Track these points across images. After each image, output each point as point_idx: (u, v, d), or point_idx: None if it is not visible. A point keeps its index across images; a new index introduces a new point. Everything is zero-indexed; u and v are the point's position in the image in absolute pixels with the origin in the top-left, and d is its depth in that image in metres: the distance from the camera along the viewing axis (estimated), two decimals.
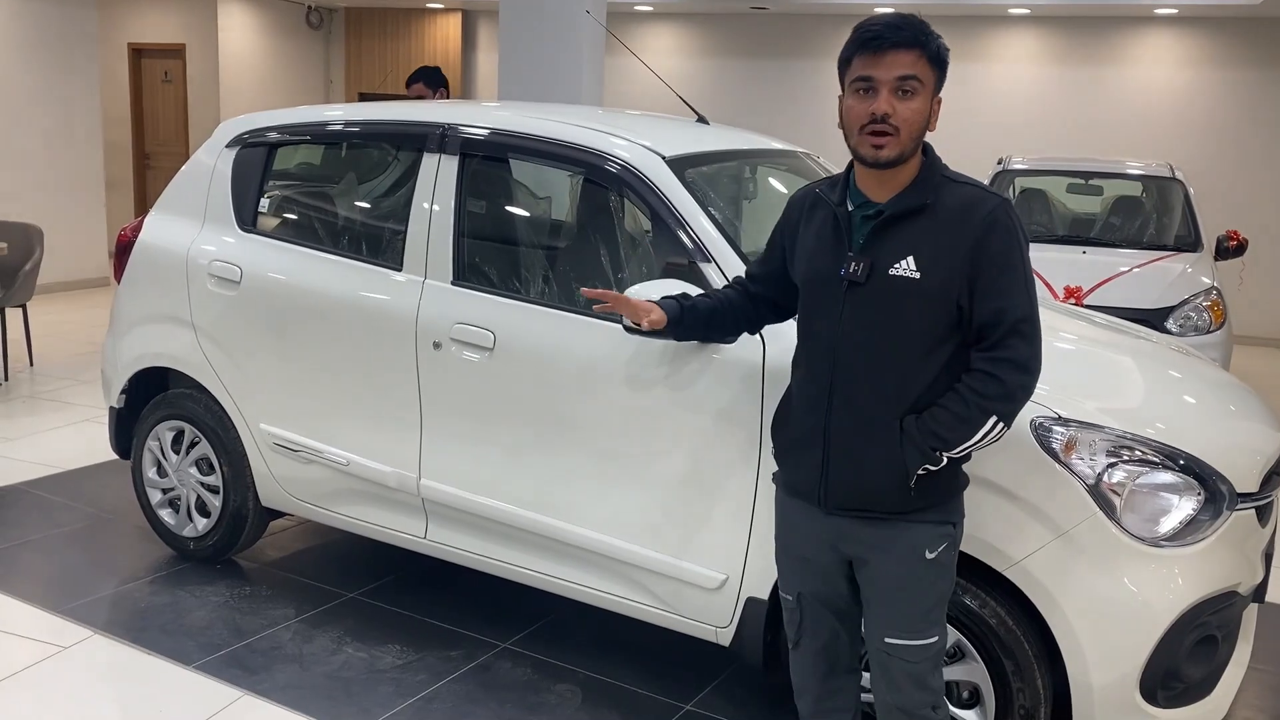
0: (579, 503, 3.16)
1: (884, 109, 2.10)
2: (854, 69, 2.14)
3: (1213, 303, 6.08)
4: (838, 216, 2.22)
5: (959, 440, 2.14)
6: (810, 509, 2.28)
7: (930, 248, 2.12)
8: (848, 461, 2.20)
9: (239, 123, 4.01)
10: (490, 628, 3.68)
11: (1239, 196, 9.68)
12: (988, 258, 2.11)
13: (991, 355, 2.13)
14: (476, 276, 3.39)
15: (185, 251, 3.90)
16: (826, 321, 2.20)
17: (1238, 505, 2.63)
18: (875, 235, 2.17)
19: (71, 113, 9.69)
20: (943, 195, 2.16)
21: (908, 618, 2.24)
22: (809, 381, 2.26)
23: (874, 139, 2.11)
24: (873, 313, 2.15)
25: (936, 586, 2.26)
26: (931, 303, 2.12)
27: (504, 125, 3.44)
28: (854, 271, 2.16)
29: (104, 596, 3.82)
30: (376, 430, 3.52)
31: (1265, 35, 9.65)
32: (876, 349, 2.16)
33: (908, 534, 2.21)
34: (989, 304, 2.11)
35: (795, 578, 2.38)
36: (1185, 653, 2.58)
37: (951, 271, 2.11)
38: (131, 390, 4.16)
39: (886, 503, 2.19)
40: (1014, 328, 2.12)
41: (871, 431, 2.17)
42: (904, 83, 2.11)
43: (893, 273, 2.13)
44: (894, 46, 2.10)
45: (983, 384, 2.12)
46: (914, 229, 2.15)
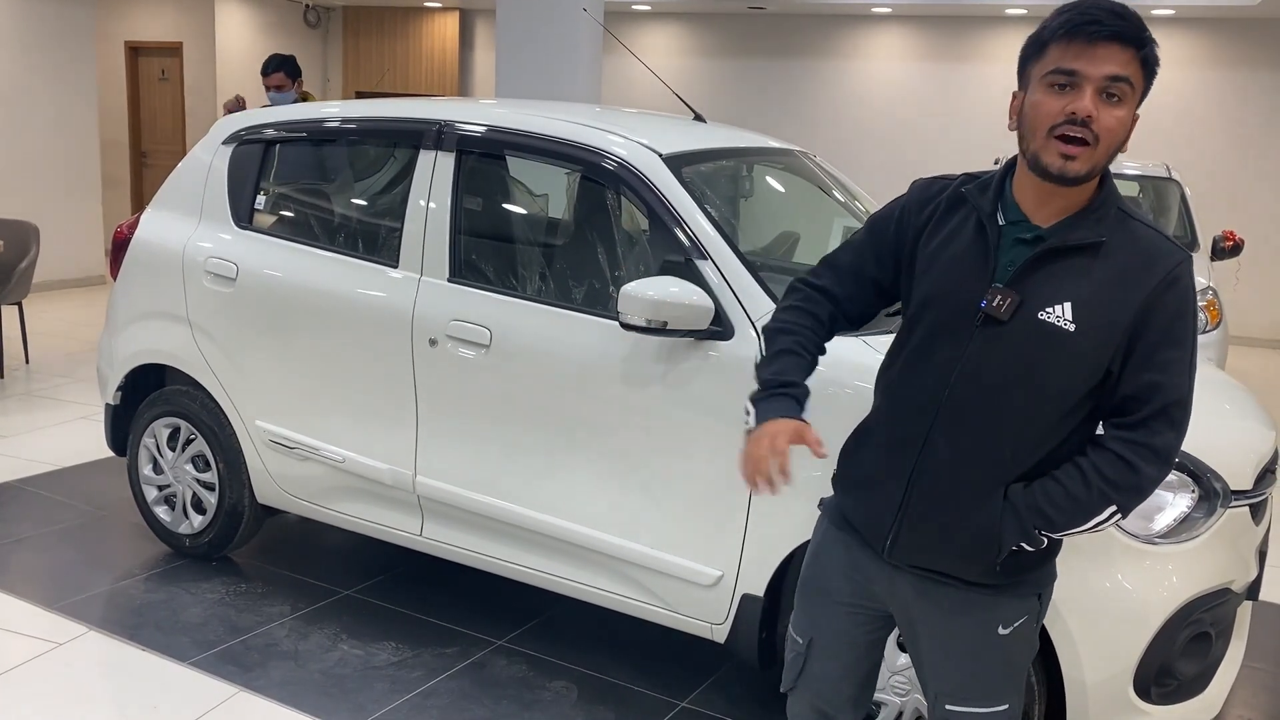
0: (574, 499, 3.16)
1: (1089, 108, 1.69)
2: (1050, 58, 1.73)
3: (1208, 303, 6.09)
4: (987, 229, 1.81)
5: (1068, 525, 1.81)
6: (861, 551, 1.99)
7: (1093, 296, 1.75)
8: (930, 520, 1.86)
9: (236, 119, 4.01)
10: (485, 625, 3.68)
11: (1235, 197, 9.70)
12: (1157, 324, 1.75)
13: (1131, 437, 1.77)
14: (473, 273, 3.39)
15: (181, 248, 3.90)
16: (946, 353, 1.82)
17: (1232, 503, 2.64)
18: (1030, 266, 1.77)
19: (68, 110, 9.68)
20: (1118, 235, 1.77)
21: (972, 686, 1.94)
22: (903, 415, 1.89)
23: (1065, 145, 1.71)
24: (1008, 359, 1.78)
25: (1009, 660, 1.94)
26: (1080, 362, 1.76)
27: (501, 122, 3.44)
28: (996, 306, 1.77)
29: (99, 593, 3.82)
30: (372, 427, 3.53)
31: (1261, 36, 9.67)
32: (1001, 401, 1.79)
33: (981, 606, 1.90)
34: (1144, 376, 1.76)
35: (815, 619, 2.08)
36: (1179, 650, 2.58)
37: (1112, 330, 1.75)
38: (128, 387, 4.16)
39: (964, 570, 1.88)
40: (1165, 410, 1.76)
41: (968, 494, 1.83)
42: (1114, 84, 1.70)
43: (1043, 317, 1.75)
44: (1110, 38, 1.70)
45: (1113, 468, 1.77)
46: (1078, 269, 1.76)
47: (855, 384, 2.65)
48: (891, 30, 10.82)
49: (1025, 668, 1.99)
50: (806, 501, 2.76)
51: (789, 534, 2.82)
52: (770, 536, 2.86)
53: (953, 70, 10.58)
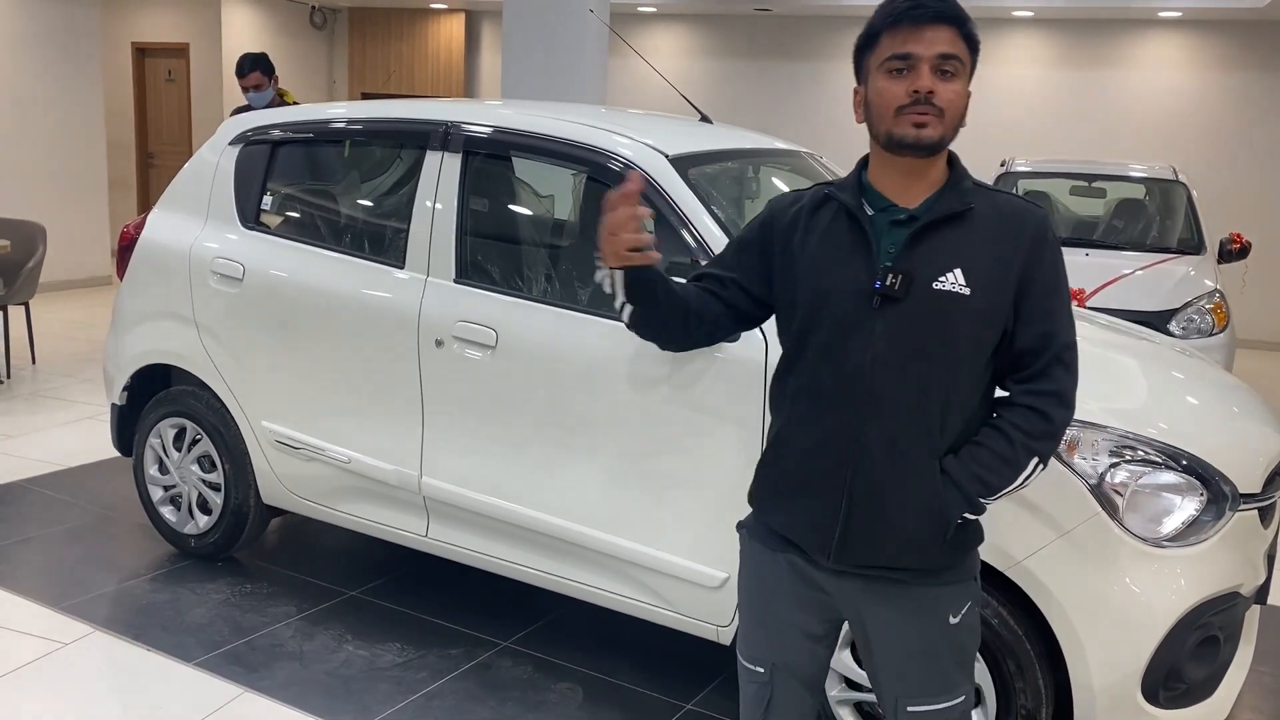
0: (580, 500, 3.15)
1: (928, 84, 1.79)
2: (884, 47, 1.84)
3: (1216, 305, 6.07)
4: (858, 220, 1.89)
5: (1002, 484, 1.87)
6: (805, 566, 1.97)
7: (978, 260, 1.84)
8: (875, 510, 1.86)
9: (242, 120, 4.01)
10: (491, 626, 3.67)
11: (1242, 200, 9.68)
12: (1039, 277, 1.86)
13: (1034, 388, 1.87)
14: (479, 274, 3.39)
15: (188, 249, 3.90)
16: (851, 344, 1.85)
17: (1240, 506, 2.62)
18: (911, 244, 1.85)
19: (74, 111, 9.71)
20: (982, 202, 1.88)
21: (930, 682, 1.96)
22: (824, 413, 1.89)
23: (915, 116, 1.80)
24: (913, 333, 1.83)
25: (961, 649, 1.99)
26: (982, 322, 1.84)
27: (507, 123, 3.44)
28: (890, 284, 1.83)
29: (105, 593, 3.82)
30: (378, 428, 3.52)
31: (1269, 38, 9.65)
32: (919, 375, 1.83)
33: (929, 598, 1.93)
34: (1035, 328, 1.86)
35: (771, 646, 2.04)
36: (1187, 654, 2.57)
37: (1003, 287, 1.84)
38: (134, 387, 4.16)
39: (914, 559, 1.89)
40: (1059, 356, 1.87)
41: (908, 474, 1.85)
42: (946, 61, 1.81)
43: (937, 286, 1.82)
44: (934, 19, 1.81)
45: (1027, 420, 1.86)
46: (957, 238, 1.85)
47: None
48: None
49: (974, 655, 2.04)
50: None
51: None
52: None
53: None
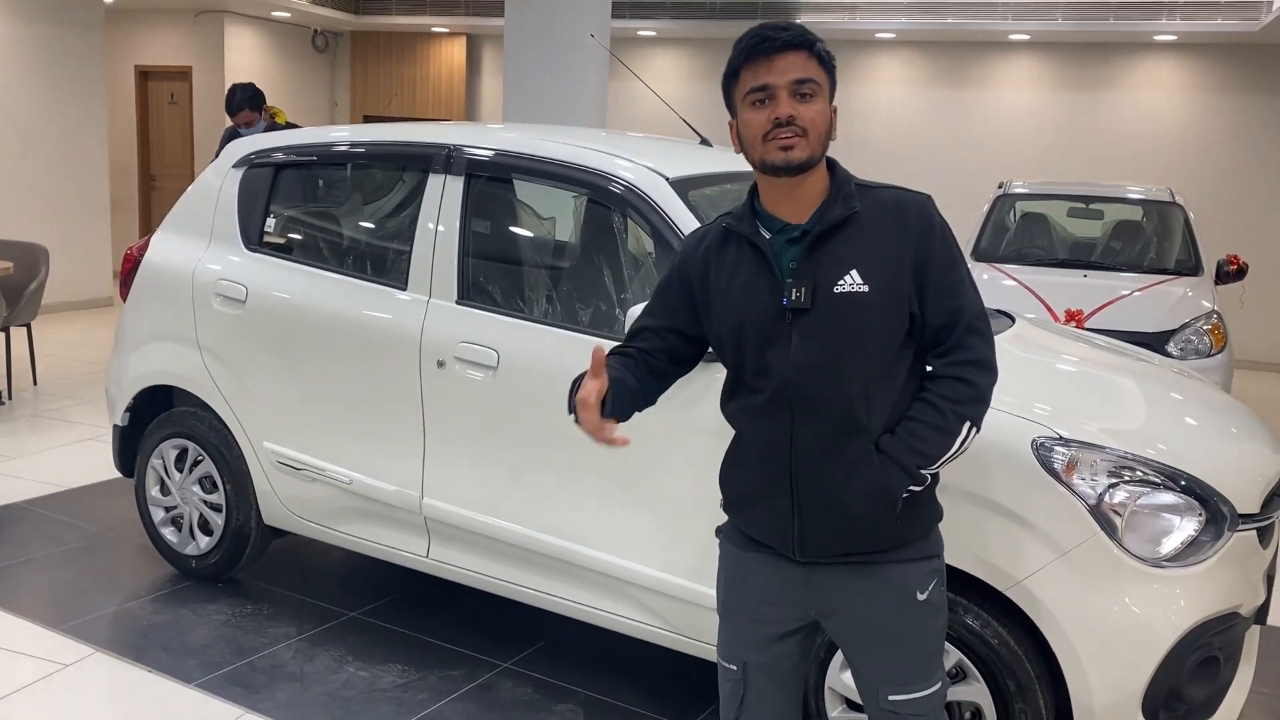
0: (583, 522, 3.16)
1: (787, 111, 1.93)
2: (744, 80, 1.98)
3: (1213, 326, 6.09)
4: (758, 246, 2.01)
5: (940, 452, 2.00)
6: (775, 562, 2.08)
7: (871, 258, 1.97)
8: (823, 500, 2.00)
9: (246, 143, 4.04)
10: (492, 647, 3.67)
11: (1239, 221, 9.72)
12: (934, 258, 1.99)
13: (955, 359, 2.01)
14: (481, 296, 3.41)
15: (191, 270, 3.93)
16: (774, 357, 1.99)
17: (1239, 526, 2.63)
18: (808, 256, 1.98)
19: (77, 134, 9.76)
20: (865, 202, 2.00)
21: (908, 669, 2.08)
22: (763, 423, 2.04)
23: (780, 140, 1.93)
24: (826, 336, 1.96)
25: (933, 628, 2.11)
26: (885, 313, 1.97)
27: (509, 146, 3.47)
28: (796, 298, 1.96)
29: (105, 614, 3.82)
30: (379, 449, 3.54)
31: (1264, 61, 9.71)
32: (837, 373, 1.97)
33: (895, 577, 2.05)
34: (943, 304, 2.00)
35: (744, 643, 2.14)
36: (1188, 674, 2.57)
37: (899, 278, 1.97)
38: (136, 409, 4.18)
39: (871, 539, 2.01)
40: (970, 326, 2.01)
41: (846, 462, 1.98)
42: (801, 85, 1.94)
43: (838, 290, 1.96)
44: (785, 48, 1.94)
45: (953, 389, 2.00)
46: (848, 242, 1.98)
47: None
48: (895, 55, 10.89)
49: (943, 640, 2.16)
50: None
51: None
52: None
53: (955, 95, 10.63)
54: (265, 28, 11.98)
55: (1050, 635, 2.56)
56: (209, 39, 11.53)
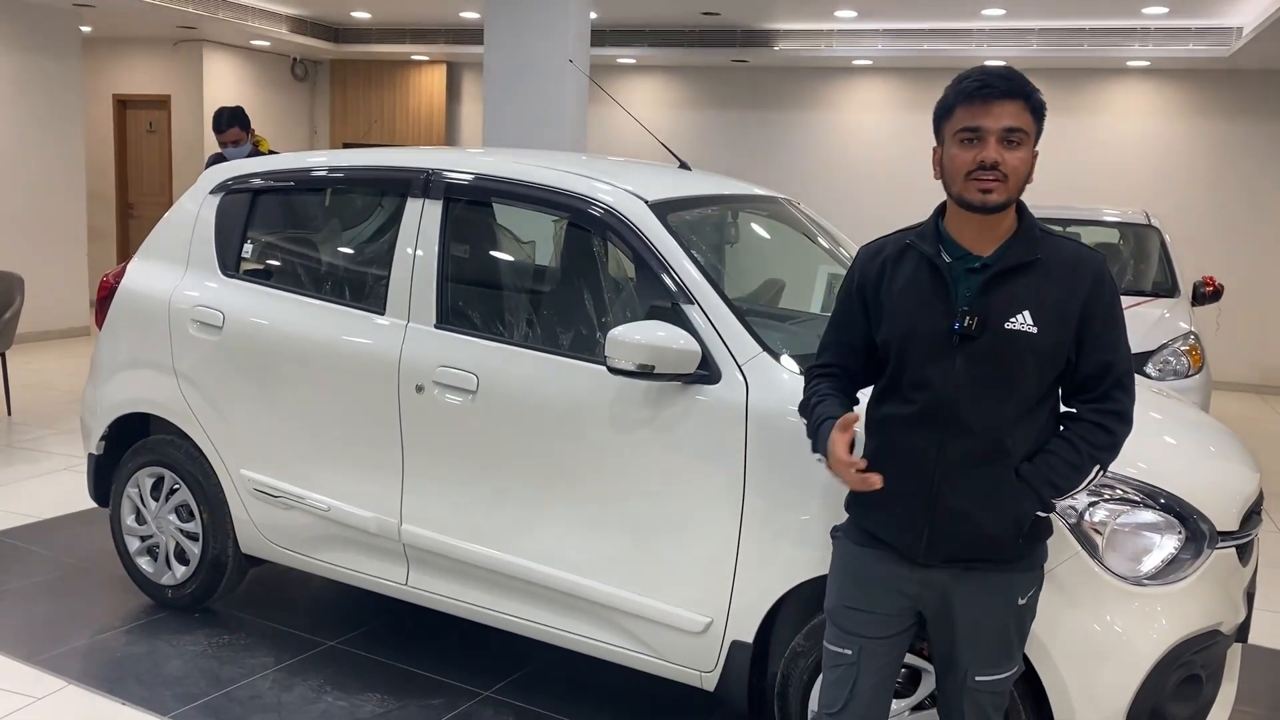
0: (562, 546, 3.14)
1: (994, 157, 2.10)
2: (957, 119, 2.15)
3: (1191, 347, 6.13)
4: (937, 268, 2.18)
5: (1070, 487, 2.19)
6: (894, 559, 2.26)
7: (1045, 303, 2.13)
8: (959, 513, 2.17)
9: (223, 169, 4.03)
10: (472, 675, 3.63)
11: (1214, 243, 9.82)
12: (1097, 313, 2.16)
13: (1100, 407, 2.19)
14: (460, 320, 3.40)
15: (168, 297, 3.90)
16: (937, 375, 2.16)
17: (1219, 544, 2.64)
18: (985, 289, 2.14)
19: (54, 162, 9.72)
20: (1047, 250, 2.17)
21: (996, 657, 2.28)
22: (913, 433, 2.19)
23: (981, 183, 2.11)
24: (988, 366, 2.13)
25: (1023, 627, 2.32)
26: (1047, 356, 2.15)
27: (488, 170, 3.47)
28: (968, 325, 2.13)
29: (79, 646, 3.76)
30: (358, 475, 3.51)
31: (1235, 87, 9.86)
32: (992, 402, 2.14)
33: (1005, 583, 2.24)
34: (1097, 357, 2.17)
35: (857, 632, 2.31)
36: (1170, 692, 2.57)
37: (1065, 326, 2.14)
38: (111, 437, 4.13)
39: (992, 552, 2.20)
40: (1119, 381, 2.19)
41: (987, 482, 2.16)
42: (1011, 134, 2.11)
43: (1009, 327, 2.12)
44: (1001, 97, 2.11)
45: (1093, 434, 2.19)
46: (1025, 283, 2.14)
47: None
48: (872, 82, 10.99)
49: (1028, 633, 2.35)
50: (796, 547, 2.77)
51: (779, 579, 2.81)
52: (760, 582, 2.84)
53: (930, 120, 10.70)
54: (244, 56, 11.99)
55: (1033, 655, 2.54)
56: (188, 68, 11.52)
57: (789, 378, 2.83)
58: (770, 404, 2.81)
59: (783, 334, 3.35)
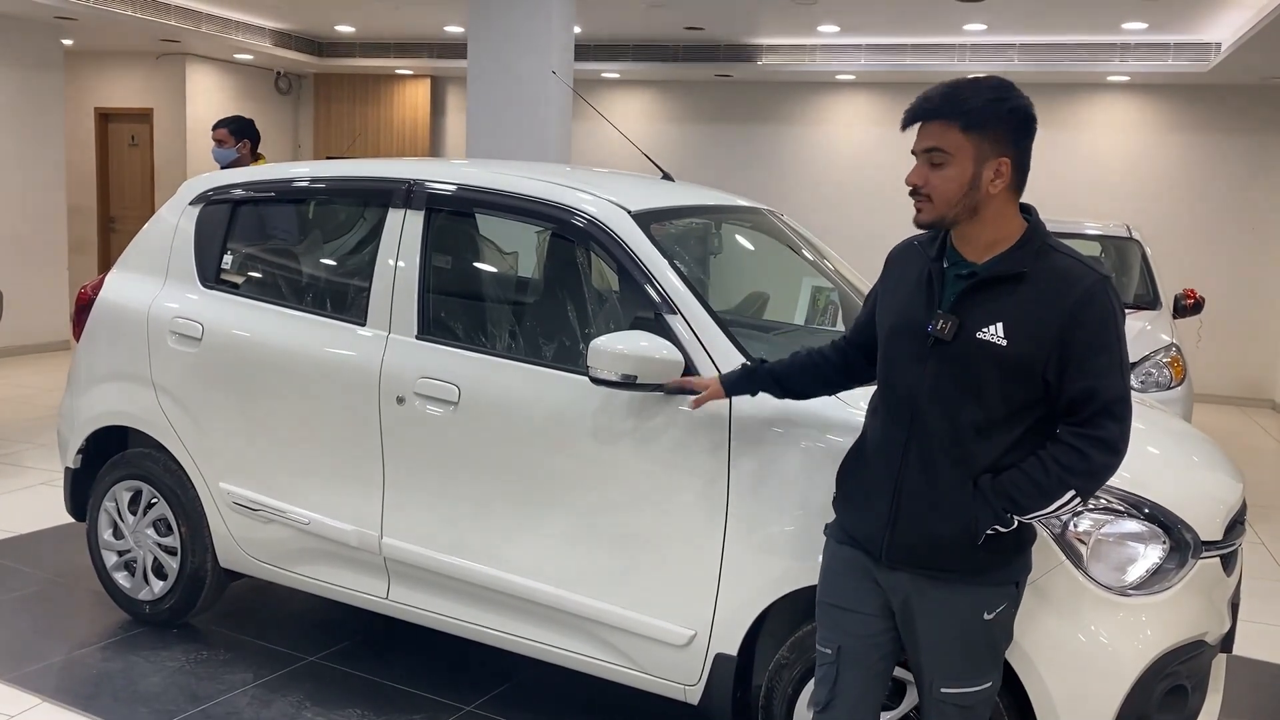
0: (544, 559, 3.11)
1: (914, 180, 2.19)
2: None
3: (1173, 359, 6.15)
4: (930, 271, 2.22)
5: (1033, 508, 2.13)
6: (864, 560, 2.27)
7: (1020, 317, 2.09)
8: (916, 517, 2.18)
9: (203, 180, 4.00)
10: (453, 691, 3.59)
11: (1193, 256, 9.89)
12: (1080, 336, 2.07)
13: (1080, 431, 2.10)
14: (442, 331, 3.37)
15: (147, 309, 3.86)
16: (908, 374, 2.19)
17: (1203, 554, 2.63)
18: (966, 296, 2.15)
19: (35, 176, 9.65)
20: (1040, 264, 2.12)
21: (962, 669, 2.24)
22: (885, 427, 2.24)
23: (915, 202, 2.20)
24: (956, 373, 2.14)
25: (993, 642, 2.27)
26: (1014, 372, 2.10)
27: (470, 180, 3.45)
28: (941, 329, 2.14)
29: (54, 663, 3.71)
30: (338, 488, 3.47)
31: (1214, 102, 9.95)
32: (956, 409, 2.14)
33: (968, 595, 2.20)
34: (1080, 383, 2.08)
35: (837, 629, 2.32)
36: (1156, 702, 2.55)
37: (1039, 344, 2.08)
38: (89, 450, 4.08)
39: (951, 562, 2.18)
40: (1106, 408, 2.08)
41: (943, 489, 2.15)
42: (930, 154, 2.16)
43: (980, 336, 2.11)
44: (916, 118, 2.19)
45: (1067, 456, 2.09)
46: (1006, 295, 2.12)
47: (828, 438, 2.67)
48: (854, 97, 11.04)
49: (1005, 649, 2.31)
50: (780, 559, 2.75)
51: (763, 591, 2.79)
52: (743, 594, 2.82)
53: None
54: (228, 69, 11.95)
55: (1017, 665, 2.53)
56: (170, 81, 11.47)
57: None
58: (754, 415, 2.80)
59: (766, 345, 3.34)
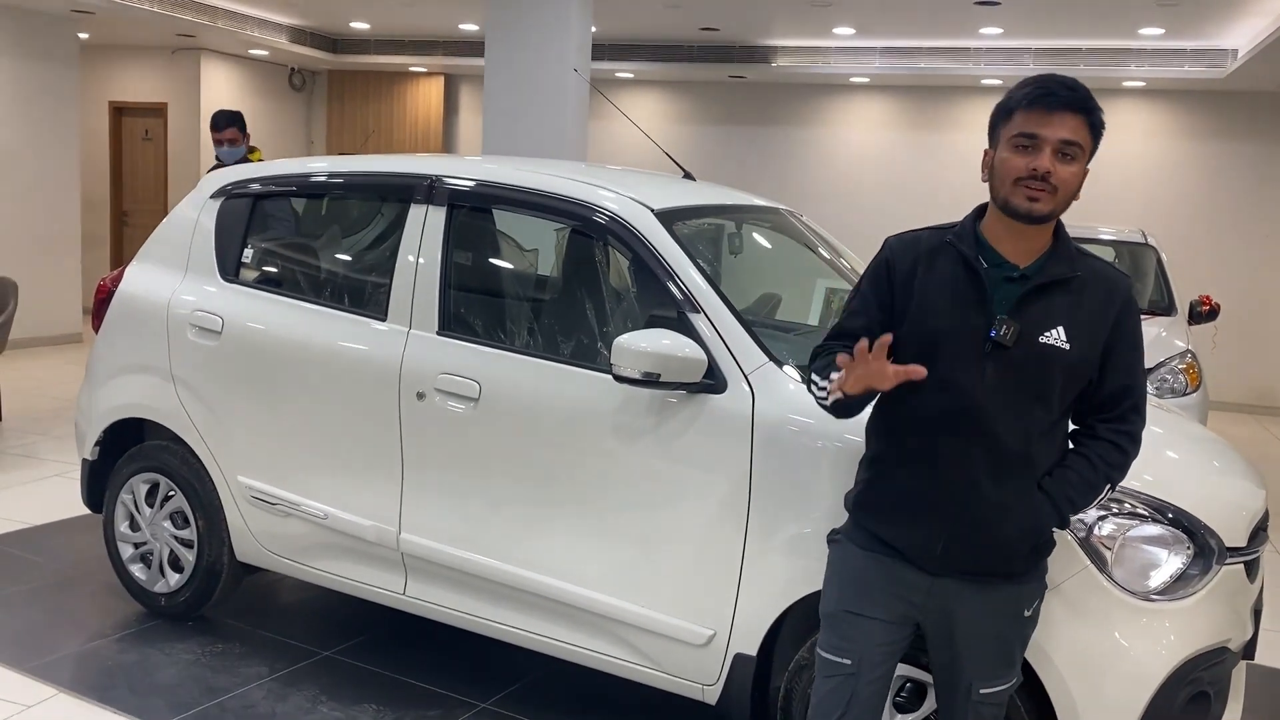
0: (563, 557, 3.11)
1: (1046, 166, 2.07)
2: (1015, 123, 2.11)
3: (1188, 365, 6.13)
4: (976, 272, 2.15)
5: (1084, 503, 2.22)
6: (901, 566, 2.22)
7: (1079, 320, 2.14)
8: (980, 523, 2.15)
9: (224, 175, 4.00)
10: (469, 687, 3.59)
11: (1210, 263, 9.86)
12: (1124, 336, 2.19)
13: (1118, 427, 2.21)
14: (462, 327, 3.37)
15: (166, 302, 3.86)
16: (963, 380, 2.13)
17: (1227, 560, 2.62)
18: (1023, 300, 2.13)
19: (50, 169, 9.68)
20: (1084, 269, 2.18)
21: (1000, 669, 2.27)
22: (935, 436, 2.15)
23: (1030, 190, 2.08)
24: (1019, 377, 2.12)
25: (1026, 638, 2.33)
26: (1075, 373, 2.16)
27: (492, 177, 3.45)
28: (1004, 334, 2.11)
29: (70, 654, 3.71)
30: (356, 483, 3.47)
31: (1230, 108, 9.91)
32: (1021, 412, 2.13)
33: (1011, 595, 2.23)
34: (1119, 380, 2.19)
35: (857, 639, 2.26)
36: (1178, 709, 2.54)
37: (1094, 346, 2.16)
38: (106, 442, 4.09)
39: (1010, 565, 2.20)
40: (1135, 404, 2.22)
41: (1013, 495, 2.15)
42: (1067, 146, 2.08)
43: (1043, 340, 2.12)
44: (1063, 107, 2.08)
45: (1110, 454, 2.21)
46: (1062, 299, 2.15)
47: (846, 438, 2.65)
48: (869, 99, 11.02)
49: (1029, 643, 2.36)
50: (801, 560, 2.74)
51: (783, 591, 2.78)
52: (764, 594, 2.81)
53: (928, 138, 10.76)
54: (242, 65, 11.97)
55: (1041, 670, 2.52)
56: (185, 76, 11.50)
57: (795, 388, 2.81)
58: (776, 414, 2.79)
59: (787, 344, 3.33)
